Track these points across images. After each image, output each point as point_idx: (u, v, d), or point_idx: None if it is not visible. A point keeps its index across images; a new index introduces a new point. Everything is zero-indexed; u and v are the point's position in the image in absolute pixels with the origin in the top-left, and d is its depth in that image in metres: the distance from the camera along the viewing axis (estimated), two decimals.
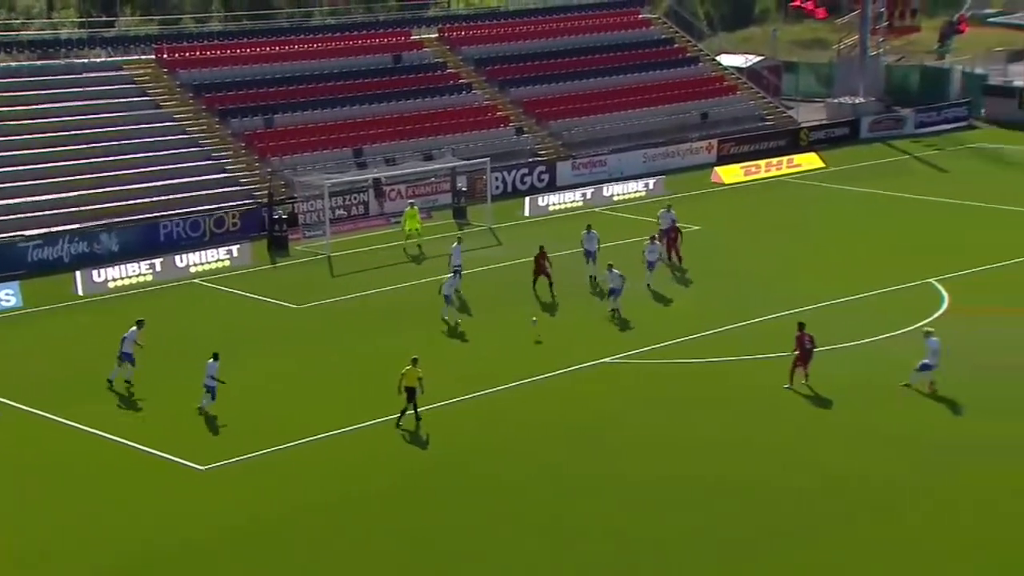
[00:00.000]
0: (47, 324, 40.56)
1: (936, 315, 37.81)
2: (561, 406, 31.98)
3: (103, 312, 41.14)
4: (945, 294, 39.70)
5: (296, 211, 51.17)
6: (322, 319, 40.50)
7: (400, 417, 30.18)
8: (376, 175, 54.03)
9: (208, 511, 26.93)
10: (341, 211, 52.52)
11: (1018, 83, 73.09)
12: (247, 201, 52.43)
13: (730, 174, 59.94)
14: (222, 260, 46.53)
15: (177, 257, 45.80)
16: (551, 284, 40.84)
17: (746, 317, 37.95)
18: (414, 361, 29.92)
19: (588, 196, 55.72)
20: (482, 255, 47.09)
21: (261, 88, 59.74)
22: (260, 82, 60.12)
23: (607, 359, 35.02)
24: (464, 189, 54.26)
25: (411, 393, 29.78)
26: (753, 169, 60.57)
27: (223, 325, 40.20)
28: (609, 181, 57.97)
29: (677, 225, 44.99)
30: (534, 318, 36.30)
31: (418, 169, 54.79)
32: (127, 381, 33.64)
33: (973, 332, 36.03)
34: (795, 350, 31.86)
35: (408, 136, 59.03)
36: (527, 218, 53.42)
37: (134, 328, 33.98)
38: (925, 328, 31.81)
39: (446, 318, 38.43)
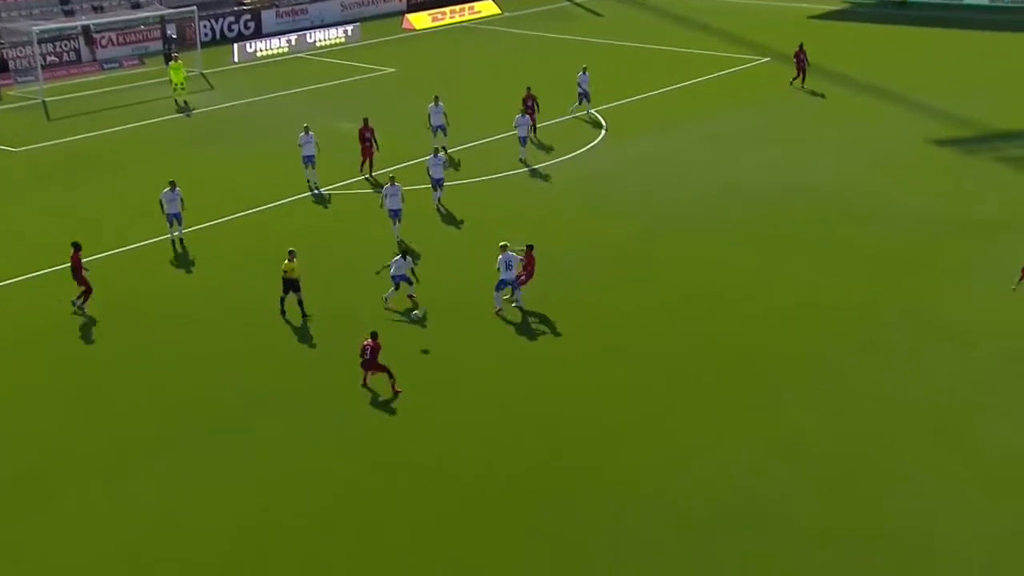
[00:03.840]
0: None
1: (598, 139, 39.19)
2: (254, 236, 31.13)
3: None
4: (604, 121, 41.14)
5: (5, 57, 46.34)
6: (40, 162, 37.35)
7: (282, 306, 25.78)
8: (85, 22, 49.56)
9: None
10: (53, 58, 48.12)
11: None
12: None
13: (420, 21, 59.06)
14: None
15: None
16: (371, 163, 34.64)
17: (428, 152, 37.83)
18: (291, 254, 25.54)
19: (293, 42, 53.56)
20: (196, 99, 44.63)
21: None
22: None
23: (293, 197, 34.20)
24: (174, 36, 50.81)
25: (293, 284, 25.61)
26: (439, 16, 59.94)
27: None
28: (311, 28, 55.81)
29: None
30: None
31: (126, 17, 50.71)
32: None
33: (626, 149, 37.70)
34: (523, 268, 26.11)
35: None
36: (236, 64, 50.86)
37: (399, 258, 26.41)
38: (502, 243, 25.90)
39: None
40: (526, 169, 35.90)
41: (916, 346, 24.21)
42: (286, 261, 25.66)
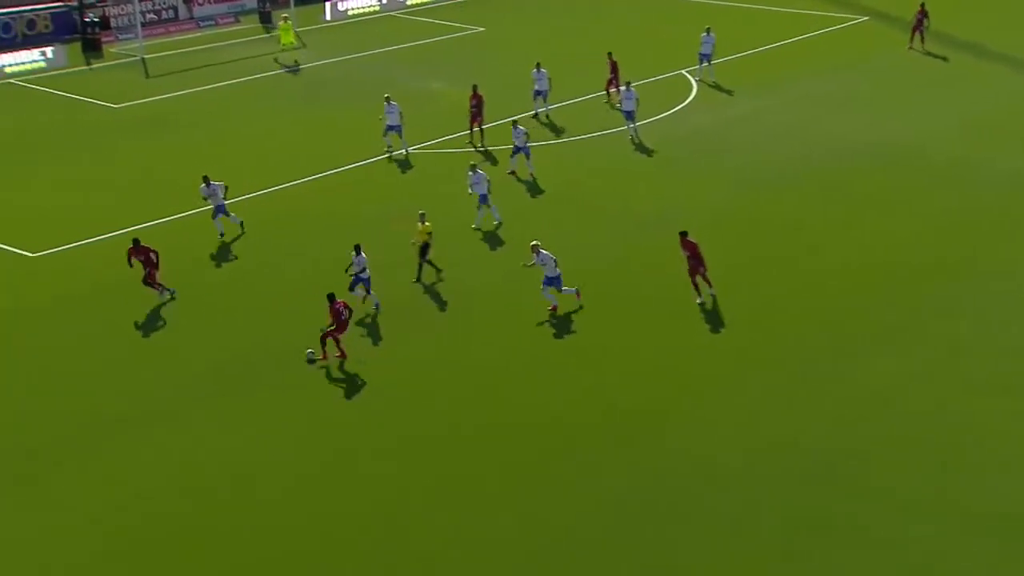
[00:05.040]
0: None
1: (688, 100, 38.55)
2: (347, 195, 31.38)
3: None
4: (694, 82, 40.42)
5: (107, 14, 47.25)
6: (141, 117, 38.08)
7: (419, 272, 25.48)
8: None
9: (39, 285, 25.93)
10: (152, 15, 48.87)
11: None
12: (57, 4, 47.98)
13: None
14: (37, 61, 42.80)
15: None
16: (482, 132, 34.01)
17: (526, 109, 37.53)
18: (422, 217, 25.37)
19: (384, 1, 53.51)
20: (289, 56, 44.97)
21: None
22: None
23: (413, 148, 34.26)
24: None
25: (424, 248, 25.41)
26: None
27: (46, 123, 37.47)
28: None
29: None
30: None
31: None
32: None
33: (718, 109, 37.04)
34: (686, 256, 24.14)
35: None
36: (328, 22, 51.11)
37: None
38: (533, 242, 24.27)
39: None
40: (615, 130, 35.41)
41: (1009, 310, 23.40)
42: (419, 225, 25.22)
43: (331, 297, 22.06)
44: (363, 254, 23.90)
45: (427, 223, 25.37)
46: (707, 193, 30.36)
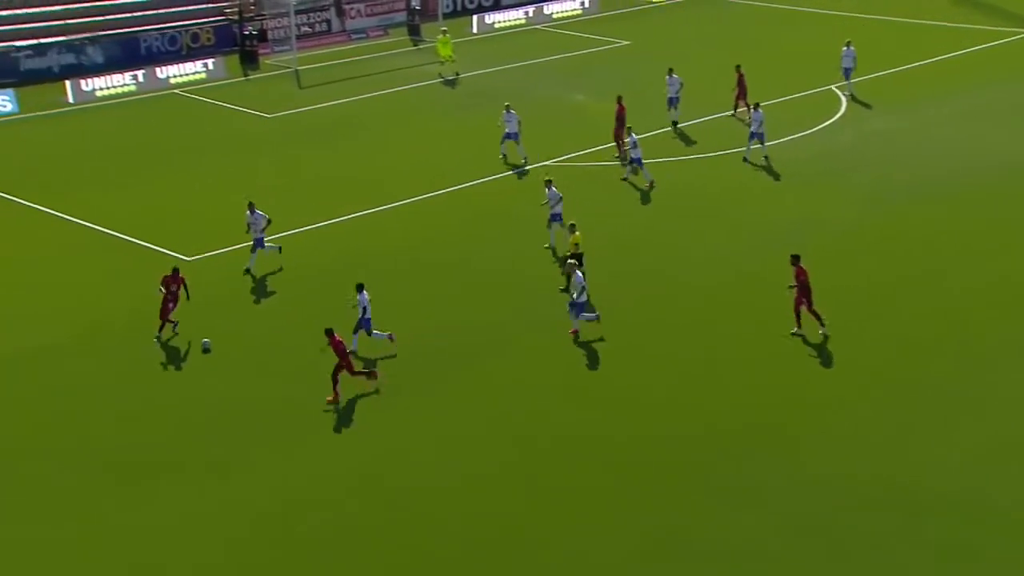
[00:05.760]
0: (42, 128, 39.48)
1: (836, 117, 37.81)
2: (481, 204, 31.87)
3: (93, 118, 40.17)
4: (843, 98, 39.58)
5: (265, 27, 49.38)
6: (293, 127, 39.62)
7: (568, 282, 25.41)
8: None
9: (196, 290, 26.79)
10: (306, 28, 50.79)
11: None
12: (219, 18, 50.37)
13: None
14: (199, 73, 45.09)
15: (158, 69, 44.33)
16: (620, 150, 33.66)
17: (666, 123, 37.41)
18: (572, 227, 25.59)
19: (530, 14, 54.24)
20: (435, 69, 46.01)
21: None
22: None
23: (547, 162, 34.66)
24: (418, 8, 52.55)
25: (578, 258, 25.27)
26: None
27: (204, 132, 39.40)
28: (549, 0, 56.18)
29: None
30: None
31: None
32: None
33: (864, 126, 36.21)
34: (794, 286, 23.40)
35: None
36: (475, 35, 52.09)
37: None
38: (569, 260, 24.72)
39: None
40: (752, 148, 34.95)
41: None
42: (570, 235, 25.55)
43: (329, 332, 21.19)
44: (365, 293, 23.00)
45: (577, 233, 25.73)
46: (839, 210, 29.99)
